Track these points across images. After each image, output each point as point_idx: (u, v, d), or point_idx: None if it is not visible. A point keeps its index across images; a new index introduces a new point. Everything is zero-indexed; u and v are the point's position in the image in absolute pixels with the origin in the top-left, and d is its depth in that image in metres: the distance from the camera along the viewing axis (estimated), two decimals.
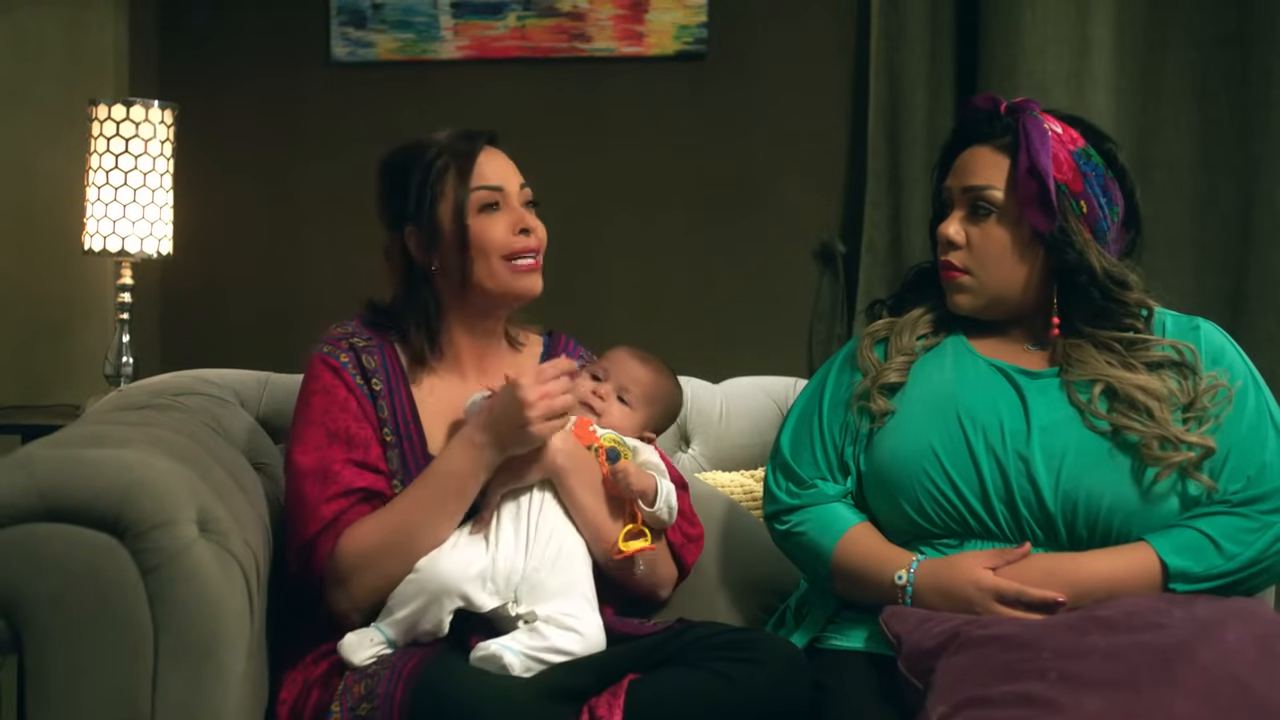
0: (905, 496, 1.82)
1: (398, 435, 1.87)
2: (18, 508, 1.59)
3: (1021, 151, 1.83)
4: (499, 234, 1.89)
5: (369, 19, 3.33)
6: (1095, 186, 1.85)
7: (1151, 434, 1.75)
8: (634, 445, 1.91)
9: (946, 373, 1.88)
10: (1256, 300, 2.94)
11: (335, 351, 1.90)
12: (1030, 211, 1.82)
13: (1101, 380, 1.80)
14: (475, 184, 1.90)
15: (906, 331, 1.93)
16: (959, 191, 1.88)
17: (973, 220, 1.87)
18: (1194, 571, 1.72)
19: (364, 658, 1.71)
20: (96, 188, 2.94)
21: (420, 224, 1.90)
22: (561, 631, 1.73)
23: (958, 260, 1.87)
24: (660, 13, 3.24)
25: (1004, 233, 1.85)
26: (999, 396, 1.83)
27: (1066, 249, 1.82)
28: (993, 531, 1.79)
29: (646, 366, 1.96)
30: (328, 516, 1.79)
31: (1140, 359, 1.82)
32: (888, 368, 1.90)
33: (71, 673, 1.58)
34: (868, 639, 1.81)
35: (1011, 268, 1.86)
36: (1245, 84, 2.95)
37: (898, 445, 1.84)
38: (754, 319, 3.18)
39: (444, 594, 1.72)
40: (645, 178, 3.27)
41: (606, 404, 1.91)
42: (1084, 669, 1.51)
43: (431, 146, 1.92)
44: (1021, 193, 1.83)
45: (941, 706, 1.53)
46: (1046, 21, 2.95)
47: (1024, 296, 1.88)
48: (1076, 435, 1.78)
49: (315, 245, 3.33)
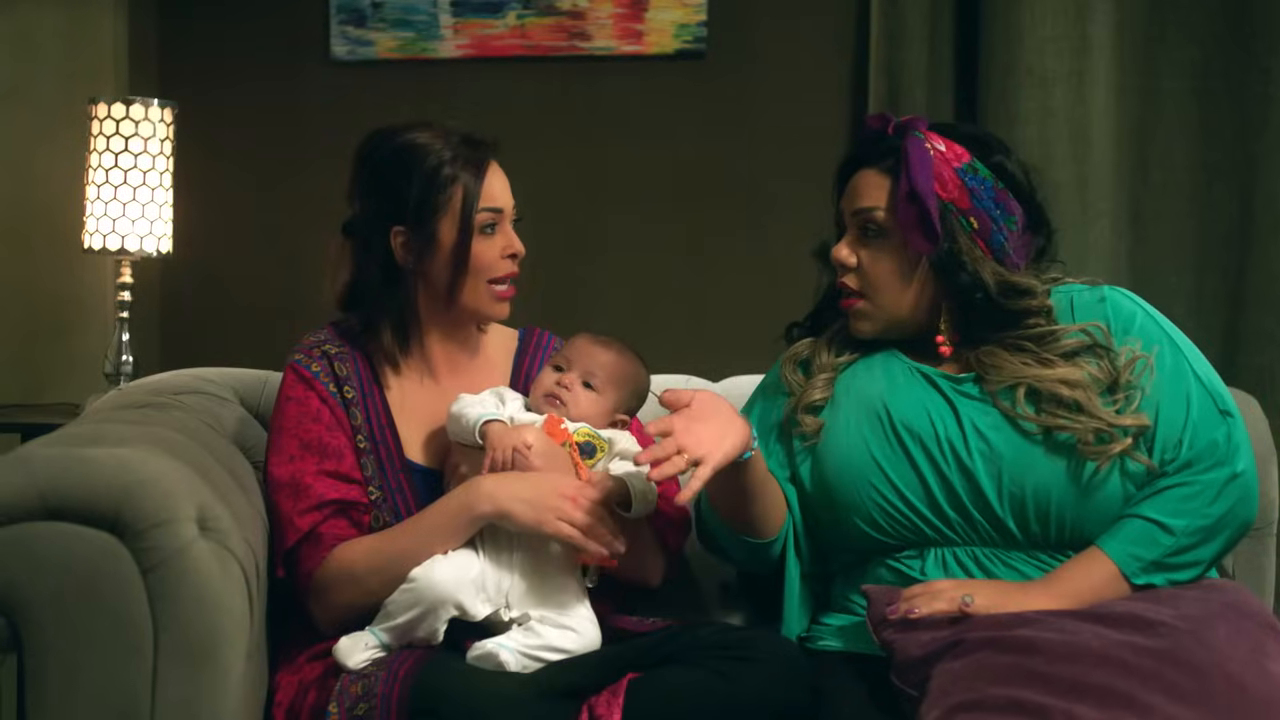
0: (856, 512, 1.81)
1: (372, 441, 1.87)
2: (17, 506, 1.59)
3: (902, 175, 1.81)
4: (491, 258, 1.90)
5: (369, 17, 3.33)
6: (986, 200, 1.82)
7: (1086, 429, 1.74)
8: (609, 436, 1.89)
9: (877, 382, 1.87)
10: (1256, 299, 2.94)
11: (307, 361, 1.90)
12: (913, 236, 1.81)
13: (1022, 383, 1.78)
14: (484, 205, 1.88)
15: (824, 350, 1.93)
16: (849, 214, 1.88)
17: (862, 243, 1.86)
18: (1149, 557, 1.72)
19: (358, 661, 1.70)
20: (96, 186, 2.94)
21: (415, 230, 1.88)
22: (557, 630, 1.73)
23: (851, 282, 1.86)
24: (660, 11, 3.24)
25: (891, 255, 1.84)
26: (929, 404, 1.82)
27: (957, 270, 1.80)
28: (950, 538, 1.79)
29: (608, 349, 1.94)
30: (304, 529, 1.80)
31: (1054, 351, 1.80)
32: (811, 386, 1.89)
33: (71, 672, 1.58)
34: (857, 640, 1.81)
35: (901, 290, 1.85)
36: (1245, 83, 2.95)
37: (840, 460, 1.83)
38: (753, 317, 3.16)
39: (439, 604, 1.72)
40: (645, 176, 3.27)
41: (573, 393, 1.89)
42: (1077, 673, 1.51)
43: (435, 151, 1.88)
44: (902, 218, 1.81)
45: (935, 711, 1.52)
46: (1046, 20, 2.95)
47: (918, 317, 1.86)
48: (1010, 437, 1.77)
49: (315, 243, 3.30)
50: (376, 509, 1.84)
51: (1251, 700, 1.49)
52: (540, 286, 3.15)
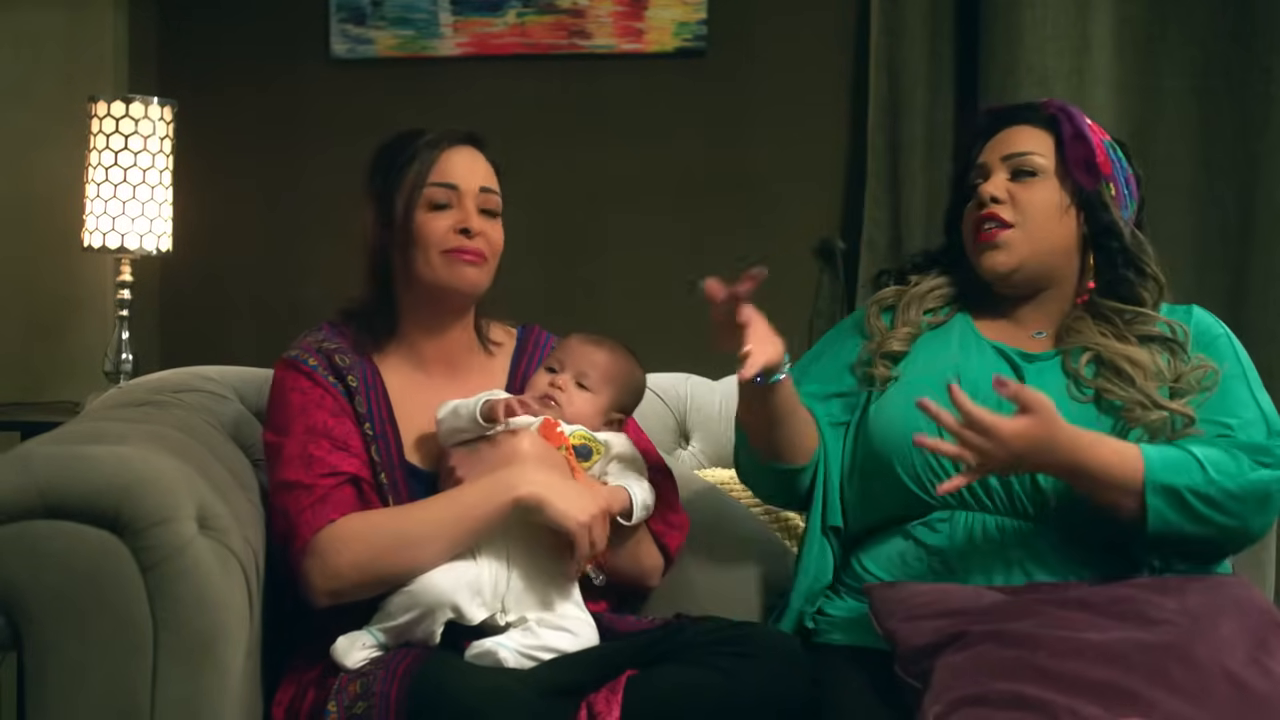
0: (900, 461, 1.84)
1: (376, 430, 1.86)
2: (17, 505, 1.58)
3: (1064, 124, 1.92)
4: (440, 230, 1.88)
5: (369, 16, 3.33)
6: (1120, 175, 1.93)
7: (1133, 399, 1.80)
8: (604, 439, 1.89)
9: (952, 349, 1.92)
10: (1256, 297, 2.95)
11: (304, 356, 1.88)
12: (1078, 171, 1.89)
13: (1092, 349, 1.85)
14: (432, 179, 1.89)
15: (914, 305, 1.98)
16: (999, 160, 1.93)
17: (1014, 183, 1.92)
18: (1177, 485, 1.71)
19: (355, 660, 1.70)
20: (96, 184, 2.94)
21: (379, 210, 1.91)
22: (555, 632, 1.73)
23: (1004, 214, 1.90)
24: (660, 9, 3.24)
25: (1048, 192, 1.91)
26: (997, 372, 1.85)
27: (1104, 210, 1.90)
28: (985, 504, 1.81)
29: (600, 348, 1.94)
30: (318, 492, 1.77)
31: (1134, 332, 1.87)
32: (892, 336, 1.94)
33: (71, 670, 1.58)
34: (862, 633, 1.81)
35: (1054, 225, 1.90)
36: (1245, 81, 2.95)
37: (897, 410, 1.87)
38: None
39: (436, 607, 1.72)
40: (645, 174, 3.27)
41: (567, 394, 1.89)
42: (1080, 669, 1.51)
43: (415, 137, 1.92)
44: (1070, 154, 1.90)
45: (937, 705, 1.53)
46: (1047, 19, 2.95)
47: (1056, 259, 1.92)
48: (1065, 413, 1.78)
49: (315, 241, 3.33)
50: (381, 495, 1.83)
51: (1254, 697, 1.49)
52: (540, 285, 3.18)
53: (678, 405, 2.37)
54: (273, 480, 1.83)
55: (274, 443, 1.84)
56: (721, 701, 1.66)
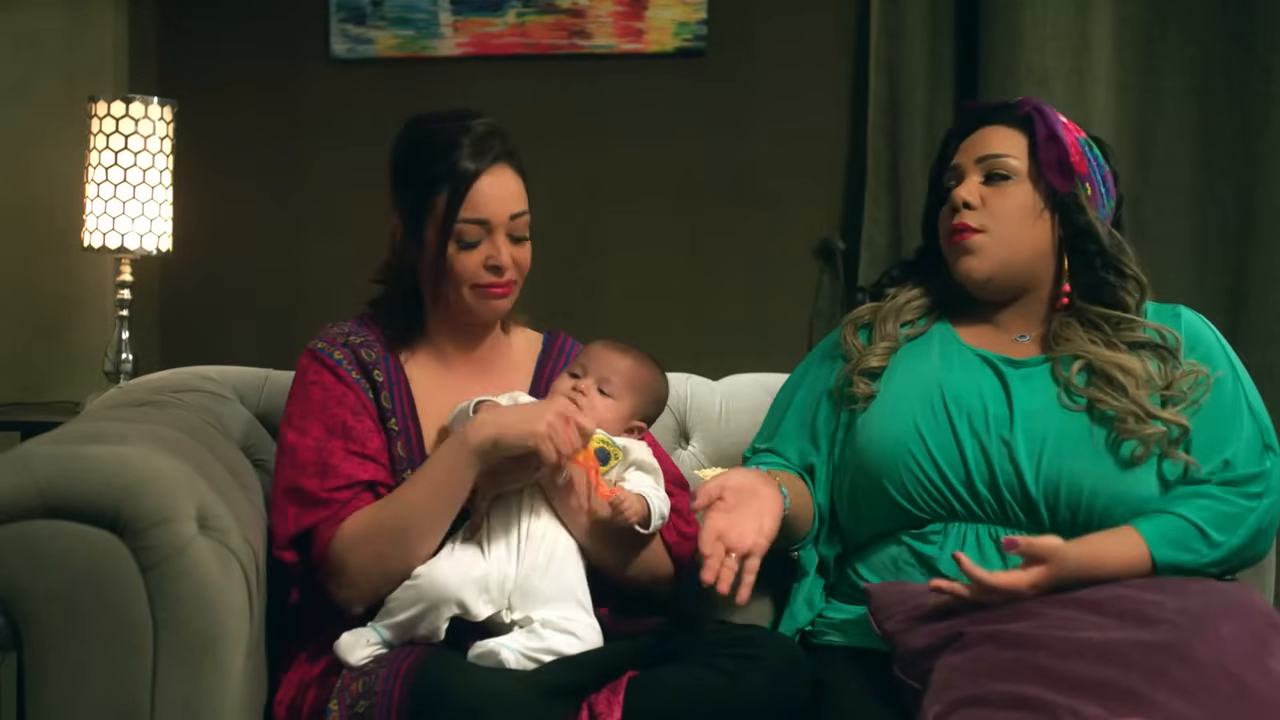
0: (889, 478, 1.83)
1: (398, 429, 1.86)
2: (17, 505, 1.58)
3: (1038, 123, 1.90)
4: (471, 267, 1.87)
5: (369, 15, 3.33)
6: (1097, 174, 1.91)
7: (1126, 409, 1.78)
8: (623, 444, 1.90)
9: (933, 360, 1.90)
10: (1256, 297, 2.95)
11: (329, 349, 1.89)
12: (1051, 174, 1.87)
13: (1082, 357, 1.83)
14: (463, 214, 1.85)
15: (891, 318, 1.97)
16: (972, 162, 1.92)
17: (988, 186, 1.90)
18: (1186, 564, 1.72)
19: (360, 658, 1.70)
20: (96, 184, 2.94)
21: (408, 226, 1.89)
22: (559, 634, 1.73)
23: (973, 220, 1.89)
24: (660, 9, 3.24)
25: (1021, 195, 1.89)
26: (983, 383, 1.85)
27: (1079, 212, 1.88)
28: (976, 514, 1.81)
29: (625, 355, 1.94)
30: (331, 506, 1.78)
31: (1124, 339, 1.86)
32: (870, 352, 1.93)
33: (71, 670, 1.58)
34: (861, 635, 1.81)
35: (1028, 230, 1.89)
36: (1245, 81, 2.96)
37: (882, 426, 1.86)
38: (754, 316, 3.18)
39: (441, 602, 1.72)
40: (645, 175, 3.27)
41: (588, 399, 1.90)
42: (1080, 669, 1.51)
43: (440, 150, 1.86)
44: (1043, 156, 1.88)
45: (937, 706, 1.53)
46: (1047, 19, 2.95)
47: (1033, 263, 1.90)
48: (1057, 421, 1.80)
49: (315, 241, 3.33)
50: None
51: (1253, 698, 1.49)
52: (540, 285, 3.17)
53: (678, 405, 2.37)
54: (282, 476, 1.83)
55: (290, 439, 1.84)
56: (722, 703, 1.66)
